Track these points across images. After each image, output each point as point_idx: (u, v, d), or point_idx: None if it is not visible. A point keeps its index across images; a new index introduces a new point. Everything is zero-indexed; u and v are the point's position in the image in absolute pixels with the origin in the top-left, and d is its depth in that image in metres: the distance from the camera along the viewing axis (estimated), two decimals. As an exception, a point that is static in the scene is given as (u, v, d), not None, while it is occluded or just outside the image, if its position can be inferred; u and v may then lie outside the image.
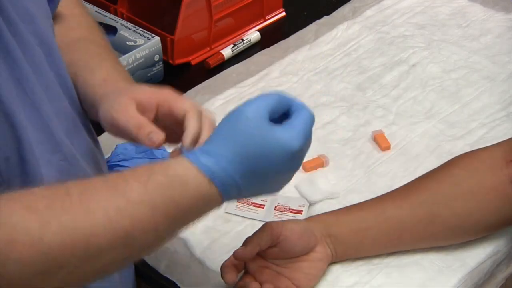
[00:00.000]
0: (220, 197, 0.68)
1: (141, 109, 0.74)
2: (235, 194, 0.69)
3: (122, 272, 0.90)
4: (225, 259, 0.88)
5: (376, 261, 0.94)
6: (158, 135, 0.72)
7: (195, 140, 0.72)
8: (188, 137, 0.72)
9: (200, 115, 0.74)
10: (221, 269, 0.87)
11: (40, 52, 0.74)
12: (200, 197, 0.67)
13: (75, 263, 0.61)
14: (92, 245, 0.61)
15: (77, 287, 0.64)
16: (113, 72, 0.81)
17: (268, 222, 0.89)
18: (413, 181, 0.97)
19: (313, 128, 1.16)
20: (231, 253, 0.93)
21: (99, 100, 0.77)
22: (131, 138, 0.74)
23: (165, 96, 0.75)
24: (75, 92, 0.81)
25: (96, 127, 0.86)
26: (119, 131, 0.75)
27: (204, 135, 0.72)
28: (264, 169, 0.68)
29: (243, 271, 0.90)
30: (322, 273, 0.91)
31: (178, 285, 0.94)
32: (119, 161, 1.05)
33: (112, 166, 1.04)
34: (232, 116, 0.69)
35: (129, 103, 0.74)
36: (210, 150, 0.68)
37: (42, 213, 0.60)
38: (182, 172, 0.66)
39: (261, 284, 0.87)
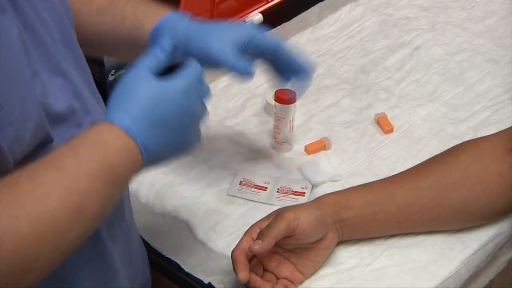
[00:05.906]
0: (138, 152, 0.71)
1: None
2: (149, 145, 0.72)
3: (138, 257, 0.91)
4: (227, 240, 0.87)
5: (378, 241, 0.94)
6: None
7: None
8: None
9: None
10: (233, 263, 0.86)
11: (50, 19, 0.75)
12: (120, 153, 0.70)
13: (47, 251, 0.62)
14: (56, 228, 0.63)
15: (48, 274, 0.65)
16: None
17: (283, 211, 0.87)
18: (420, 164, 0.97)
19: (316, 111, 1.19)
20: (233, 235, 0.93)
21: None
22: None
23: None
24: (85, 62, 0.82)
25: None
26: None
27: None
28: (162, 114, 0.73)
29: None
30: (326, 257, 0.92)
31: (181, 266, 0.94)
32: None
33: None
34: (123, 81, 0.75)
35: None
36: (110, 113, 0.72)
37: (5, 207, 0.60)
38: (99, 135, 0.70)
39: (267, 270, 0.88)
